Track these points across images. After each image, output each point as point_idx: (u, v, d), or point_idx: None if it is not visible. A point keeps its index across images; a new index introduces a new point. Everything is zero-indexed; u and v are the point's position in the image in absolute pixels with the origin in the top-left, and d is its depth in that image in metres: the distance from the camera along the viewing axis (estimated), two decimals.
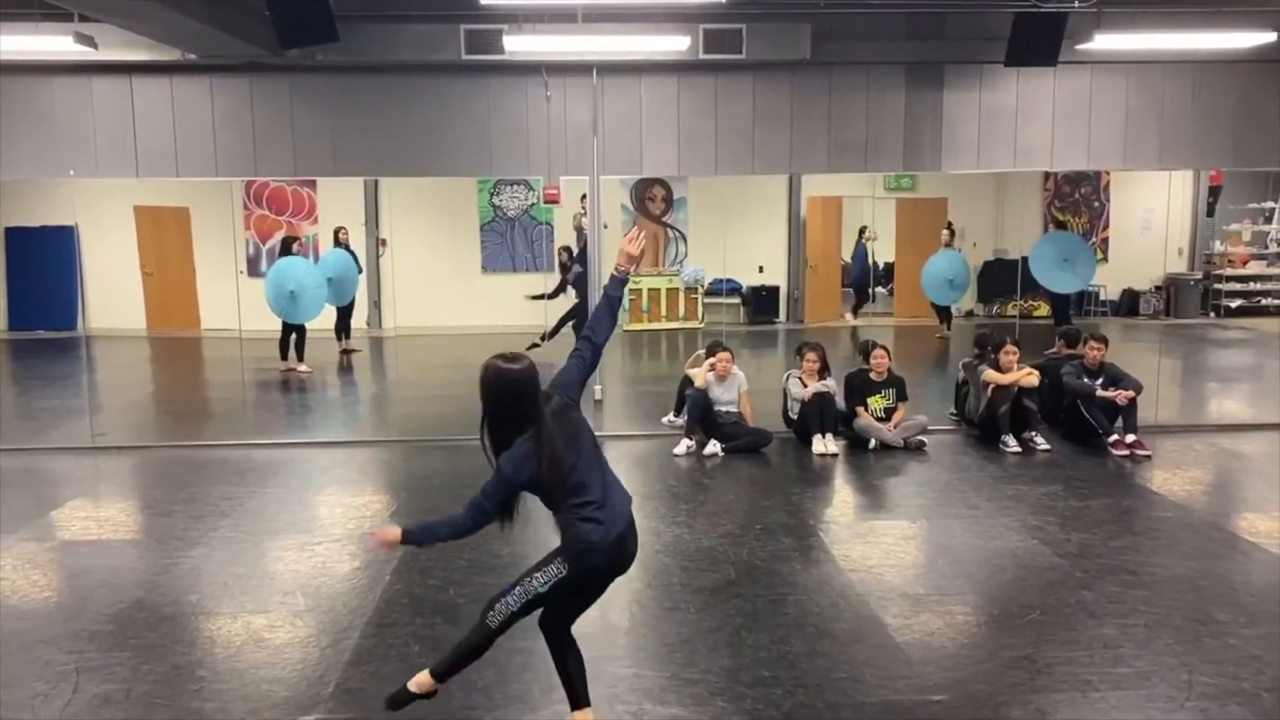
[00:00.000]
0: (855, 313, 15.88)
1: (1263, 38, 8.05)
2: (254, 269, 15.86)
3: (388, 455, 8.43)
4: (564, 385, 3.72)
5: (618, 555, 3.66)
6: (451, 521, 3.59)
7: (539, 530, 6.32)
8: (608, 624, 4.89)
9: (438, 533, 3.64)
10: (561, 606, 3.76)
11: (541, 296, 12.40)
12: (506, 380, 3.52)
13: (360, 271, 13.07)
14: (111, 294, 15.12)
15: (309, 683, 4.33)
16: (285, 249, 11.62)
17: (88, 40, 7.43)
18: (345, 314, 13.20)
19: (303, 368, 11.94)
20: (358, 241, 14.81)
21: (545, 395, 3.60)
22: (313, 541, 6.16)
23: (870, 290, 16.21)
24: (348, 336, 13.31)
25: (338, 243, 12.97)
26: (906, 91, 8.92)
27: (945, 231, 13.97)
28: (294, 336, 11.89)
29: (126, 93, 8.61)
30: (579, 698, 3.82)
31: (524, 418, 3.51)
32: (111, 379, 12.66)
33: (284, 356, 11.90)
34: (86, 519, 6.72)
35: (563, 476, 3.51)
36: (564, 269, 12.95)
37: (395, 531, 3.59)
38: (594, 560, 3.61)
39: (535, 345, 10.39)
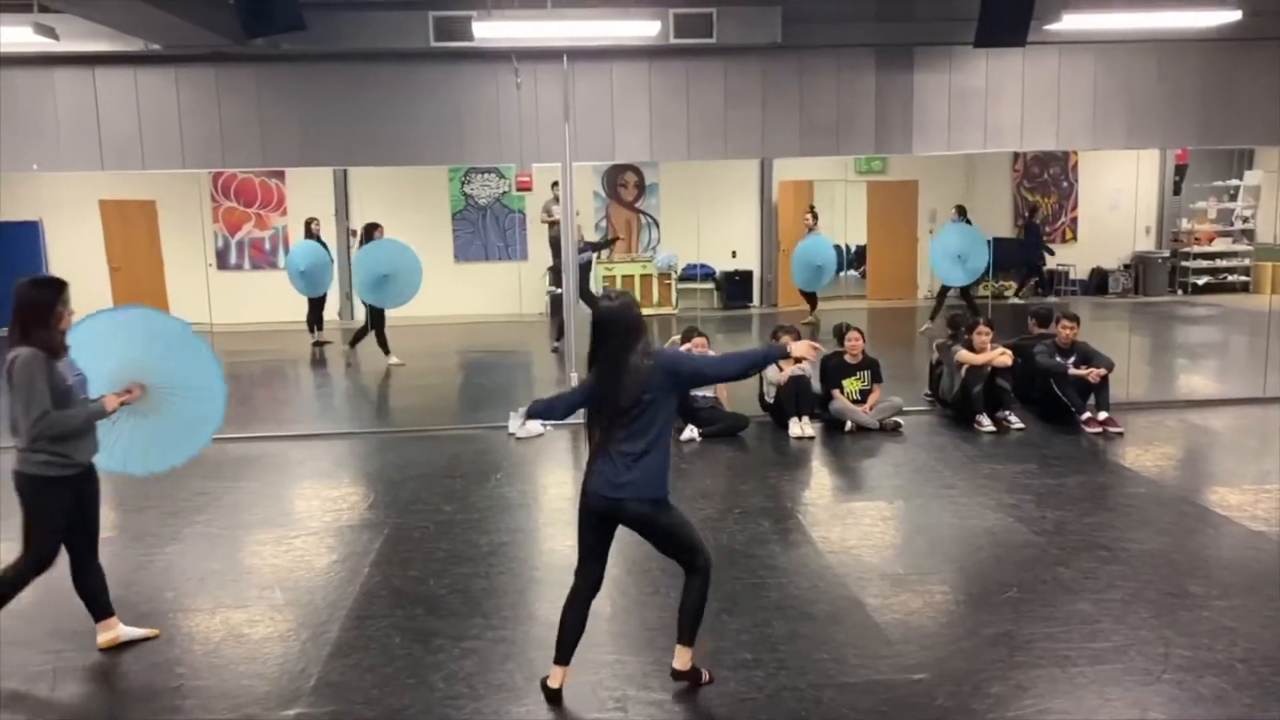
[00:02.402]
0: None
1: (1228, 16, 8.11)
2: (223, 262, 15.72)
3: (363, 447, 8.39)
4: (673, 365, 3.98)
5: (603, 510, 3.95)
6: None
7: (518, 520, 6.34)
8: (590, 612, 4.88)
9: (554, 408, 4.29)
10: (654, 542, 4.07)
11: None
12: (600, 312, 3.94)
13: (332, 262, 12.98)
14: (79, 289, 14.77)
15: (289, 677, 4.30)
16: (368, 236, 11.55)
17: (48, 31, 7.28)
18: (318, 306, 13.13)
19: (394, 359, 11.77)
20: (328, 233, 14.73)
21: (644, 346, 3.90)
22: (290, 535, 6.11)
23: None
24: (320, 328, 13.22)
25: (309, 234, 12.87)
26: (877, 74, 8.93)
27: (808, 216, 13.77)
28: (370, 322, 11.70)
29: (89, 84, 8.47)
30: (679, 633, 4.06)
31: (594, 346, 3.96)
32: None
33: (385, 351, 11.70)
34: None
35: (608, 409, 3.90)
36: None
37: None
38: (583, 502, 4.01)
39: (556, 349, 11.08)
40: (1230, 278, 16.47)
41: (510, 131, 8.76)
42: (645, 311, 13.46)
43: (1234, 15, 8.13)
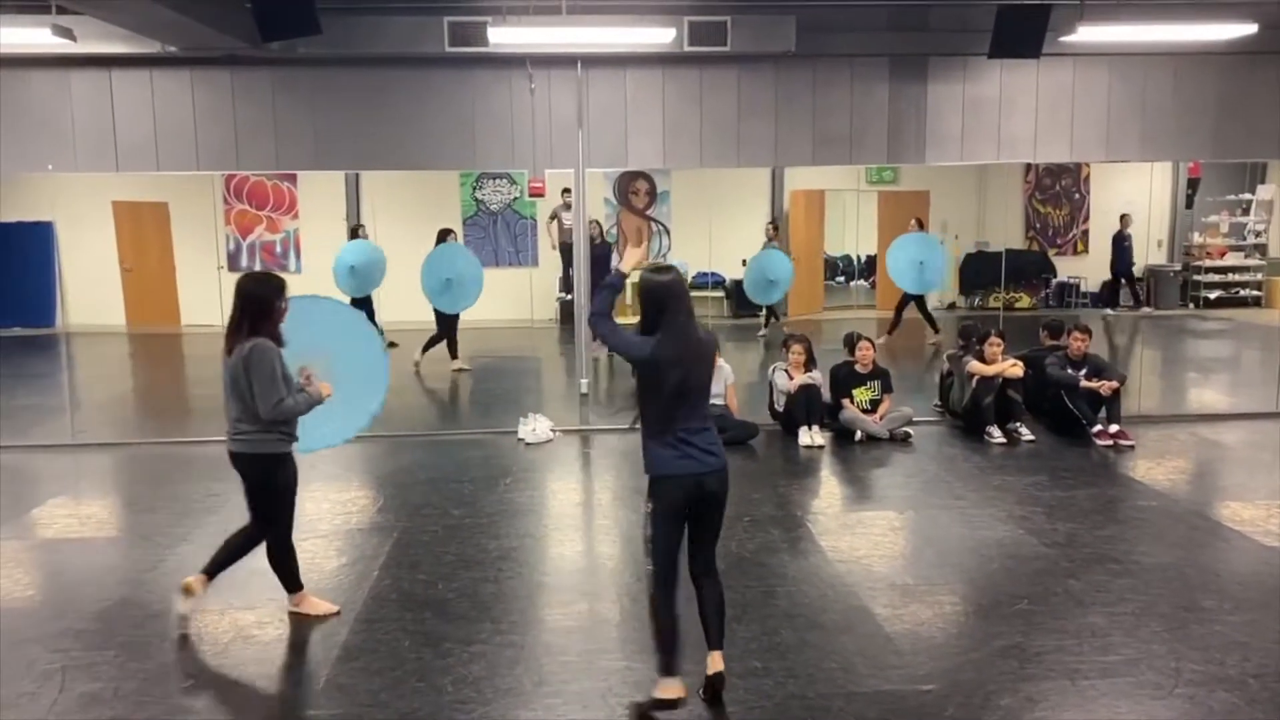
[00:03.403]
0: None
1: (1244, 29, 8.10)
2: (234, 264, 15.76)
3: (372, 450, 8.39)
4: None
5: (693, 489, 3.91)
6: (605, 315, 3.99)
7: (528, 525, 6.34)
8: (598, 618, 4.89)
9: (604, 302, 4.01)
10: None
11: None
12: (645, 286, 3.92)
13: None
14: (90, 290, 15.00)
15: (298, 679, 4.30)
16: (441, 240, 11.51)
17: (66, 33, 7.33)
18: (363, 306, 12.46)
19: (463, 364, 11.71)
20: (338, 237, 14.74)
21: (693, 320, 3.95)
22: (299, 538, 6.04)
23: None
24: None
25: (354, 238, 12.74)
26: (890, 84, 8.94)
27: (770, 227, 13.66)
28: (441, 327, 11.58)
29: (105, 86, 8.52)
30: (707, 639, 4.04)
31: (656, 318, 3.89)
32: (91, 375, 12.56)
33: (453, 355, 11.59)
34: (69, 517, 6.66)
35: (694, 385, 3.90)
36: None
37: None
38: (670, 490, 3.91)
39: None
40: (1242, 292, 16.41)
41: (523, 137, 8.79)
42: None
43: (1249, 29, 8.12)
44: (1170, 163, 14.24)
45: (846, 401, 8.46)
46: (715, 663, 4.02)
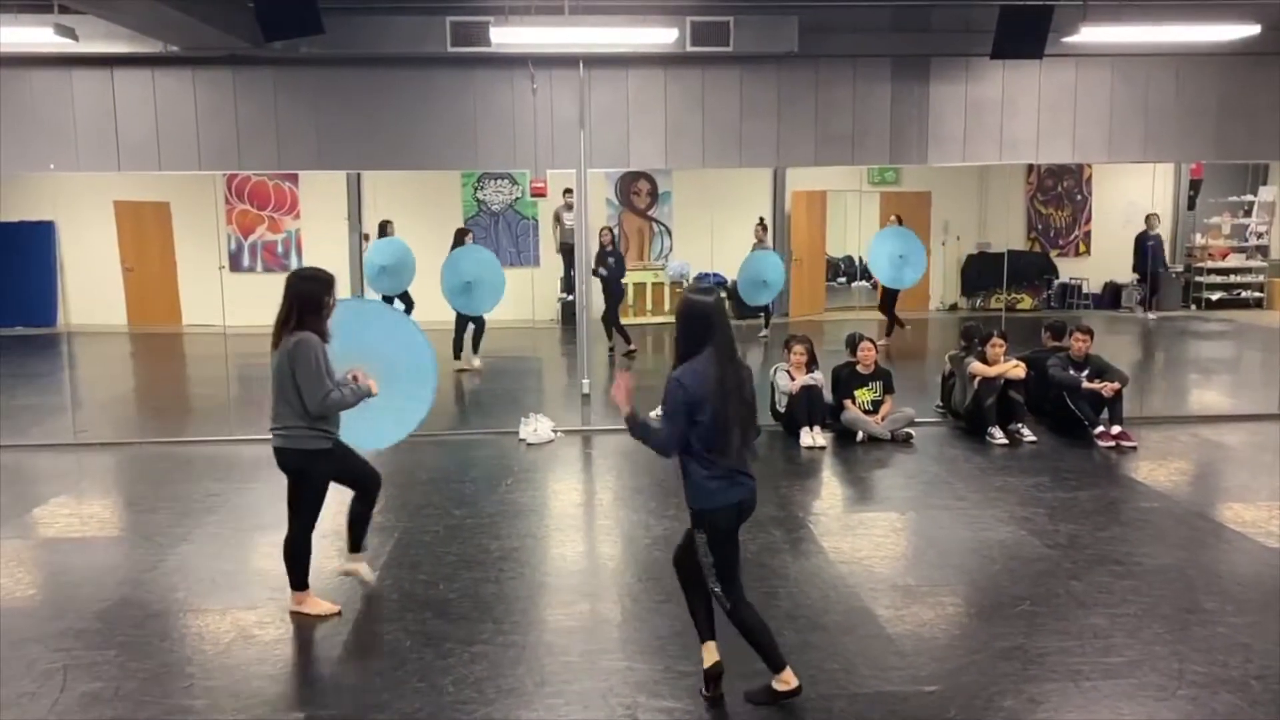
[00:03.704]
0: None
1: (1246, 30, 8.09)
2: (236, 264, 15.76)
3: (373, 451, 8.37)
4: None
5: (738, 513, 3.91)
6: (657, 434, 3.85)
7: (529, 526, 6.33)
8: (600, 618, 4.88)
9: (649, 434, 3.87)
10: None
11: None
12: (692, 307, 3.84)
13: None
14: (91, 290, 14.99)
15: (299, 679, 4.30)
16: (458, 241, 11.52)
17: (68, 32, 7.32)
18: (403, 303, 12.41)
19: (476, 363, 11.68)
20: (340, 237, 14.75)
21: (732, 345, 3.87)
22: None
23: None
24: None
25: (383, 235, 12.69)
26: (893, 84, 8.93)
27: (758, 228, 13.63)
28: (471, 330, 11.60)
29: (107, 86, 8.51)
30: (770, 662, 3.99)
31: (702, 340, 3.80)
32: (92, 375, 12.56)
33: (456, 355, 11.59)
34: (70, 516, 6.65)
35: (748, 408, 3.88)
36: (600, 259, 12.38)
37: (629, 399, 3.91)
38: (727, 519, 3.86)
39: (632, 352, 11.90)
40: (1244, 293, 16.39)
41: (525, 137, 8.78)
42: (656, 320, 13.46)
43: (1252, 29, 8.11)
44: (1172, 164, 14.20)
45: (848, 402, 8.45)
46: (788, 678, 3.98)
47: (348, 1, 8.16)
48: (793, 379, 8.41)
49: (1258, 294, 16.33)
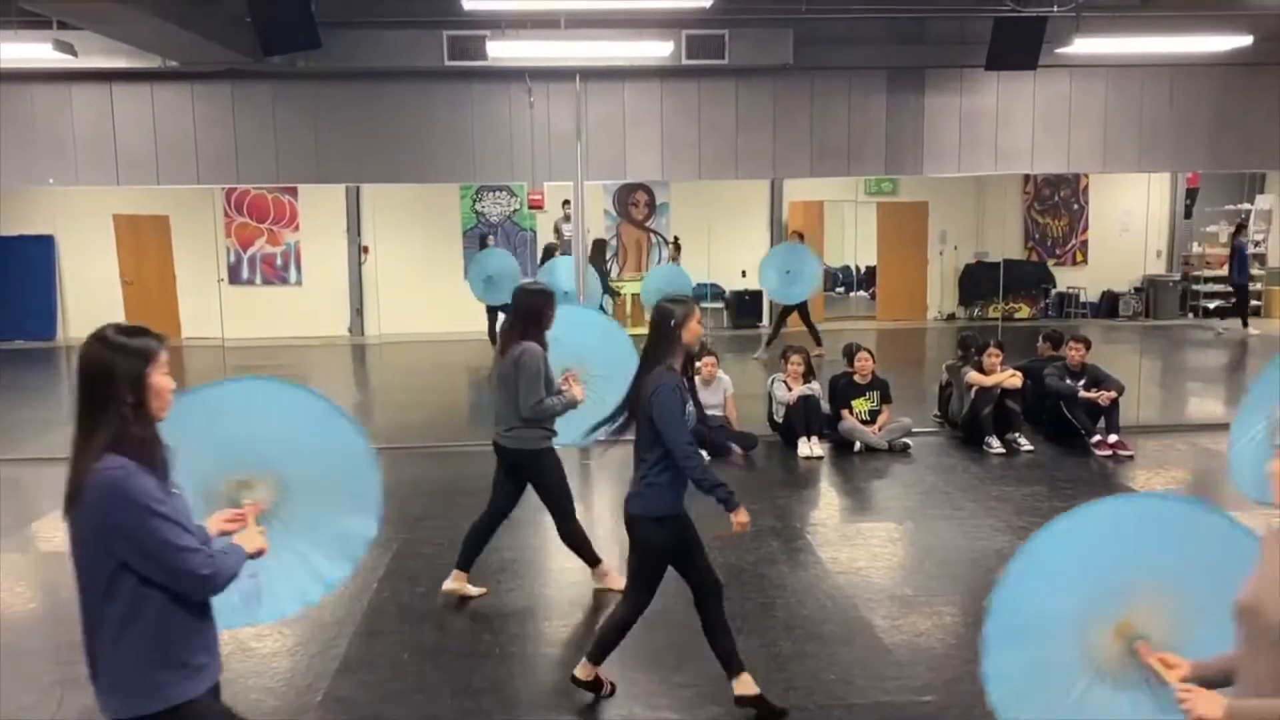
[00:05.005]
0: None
1: (1239, 41, 8.14)
2: (235, 277, 15.79)
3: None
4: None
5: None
6: (692, 457, 3.92)
7: (526, 538, 6.34)
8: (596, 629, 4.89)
9: (704, 474, 3.95)
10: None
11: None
12: (659, 312, 4.00)
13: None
14: (91, 303, 14.98)
15: (297, 691, 4.31)
16: (548, 255, 11.83)
17: (67, 47, 7.36)
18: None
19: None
20: (339, 249, 14.76)
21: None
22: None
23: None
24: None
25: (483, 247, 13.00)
26: (888, 96, 8.97)
27: (671, 247, 13.62)
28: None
29: (106, 100, 8.55)
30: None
31: (666, 347, 3.96)
32: None
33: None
34: None
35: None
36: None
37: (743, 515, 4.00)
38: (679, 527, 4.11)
39: None
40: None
41: (522, 150, 8.82)
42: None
43: (1245, 40, 8.15)
44: (1168, 173, 14.25)
45: (845, 412, 8.47)
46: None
47: (345, 16, 8.20)
48: (789, 389, 8.43)
49: (1255, 302, 16.32)
